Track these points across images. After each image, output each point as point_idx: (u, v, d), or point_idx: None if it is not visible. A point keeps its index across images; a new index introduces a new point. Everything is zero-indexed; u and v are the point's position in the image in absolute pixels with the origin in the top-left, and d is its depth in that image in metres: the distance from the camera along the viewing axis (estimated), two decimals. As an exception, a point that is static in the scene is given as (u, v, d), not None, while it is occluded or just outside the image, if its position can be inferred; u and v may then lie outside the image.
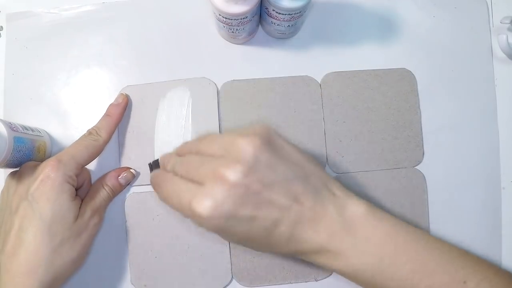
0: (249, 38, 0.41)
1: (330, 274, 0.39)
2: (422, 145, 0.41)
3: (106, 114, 0.38)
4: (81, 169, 0.35)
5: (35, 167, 0.34)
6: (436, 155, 0.41)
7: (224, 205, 0.28)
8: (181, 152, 0.33)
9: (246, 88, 0.40)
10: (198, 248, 0.39)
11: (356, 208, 0.31)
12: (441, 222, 0.40)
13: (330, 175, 0.33)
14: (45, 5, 0.41)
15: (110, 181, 0.37)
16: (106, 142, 0.37)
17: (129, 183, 0.39)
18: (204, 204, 0.28)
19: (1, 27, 0.41)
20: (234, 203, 0.28)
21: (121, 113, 0.39)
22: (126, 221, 0.39)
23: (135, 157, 0.39)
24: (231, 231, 0.29)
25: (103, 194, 0.37)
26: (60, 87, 0.40)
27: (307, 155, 0.32)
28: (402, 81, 0.41)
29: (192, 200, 0.28)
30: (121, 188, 0.38)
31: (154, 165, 0.36)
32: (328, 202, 0.30)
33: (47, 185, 0.32)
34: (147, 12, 0.41)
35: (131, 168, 0.39)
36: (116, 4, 0.41)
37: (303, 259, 0.31)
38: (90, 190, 0.37)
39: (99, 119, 0.38)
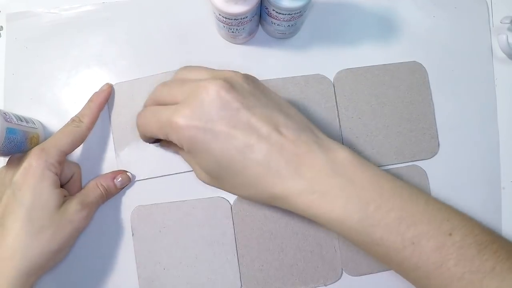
0: (249, 38, 0.41)
1: (339, 278, 0.39)
2: (437, 137, 0.41)
3: (89, 101, 0.38)
4: (65, 156, 0.35)
5: (21, 159, 0.34)
6: (436, 155, 0.41)
7: (203, 115, 0.28)
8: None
9: None
10: (206, 258, 0.39)
11: (341, 151, 0.30)
12: (441, 222, 0.40)
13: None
14: (45, 5, 0.41)
15: (105, 182, 0.37)
16: (90, 128, 0.37)
17: (124, 186, 0.39)
18: (182, 113, 0.28)
19: (1, 27, 0.41)
20: (212, 115, 0.28)
21: (104, 100, 0.39)
22: (132, 235, 0.39)
23: (130, 153, 0.39)
24: (207, 145, 0.29)
25: (96, 192, 0.37)
26: (60, 87, 0.40)
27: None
28: (414, 74, 0.41)
29: (171, 114, 0.29)
30: (116, 191, 0.38)
31: None
32: (312, 141, 0.29)
33: (29, 173, 0.32)
34: (147, 12, 0.41)
35: (127, 172, 0.39)
36: (116, 4, 0.41)
37: (281, 206, 0.30)
38: (84, 188, 0.37)
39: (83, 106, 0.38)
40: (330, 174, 0.29)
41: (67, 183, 0.37)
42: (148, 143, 0.38)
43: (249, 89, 0.30)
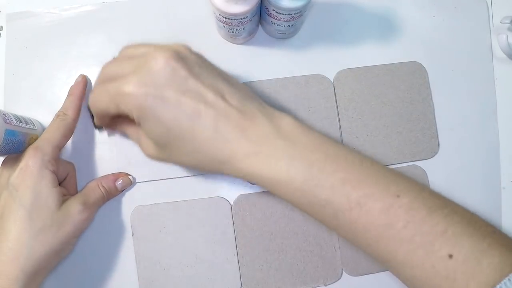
0: (249, 38, 0.41)
1: (339, 278, 0.39)
2: (437, 137, 0.41)
3: (68, 95, 0.38)
4: (59, 151, 0.35)
5: (16, 159, 0.34)
6: (436, 155, 0.41)
7: (151, 82, 0.28)
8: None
9: (259, 89, 0.40)
10: (206, 258, 0.39)
11: (285, 117, 0.31)
12: (441, 222, 0.40)
13: None
14: (45, 5, 0.41)
15: (107, 184, 0.37)
16: (75, 119, 0.37)
17: (125, 189, 0.39)
18: (132, 81, 0.29)
19: (1, 27, 0.41)
20: (161, 82, 0.29)
21: (83, 90, 0.39)
22: (132, 235, 0.39)
23: (130, 154, 0.39)
24: (156, 112, 0.29)
25: (97, 193, 0.37)
26: (60, 87, 0.40)
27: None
28: (414, 74, 0.41)
29: (121, 83, 0.29)
30: (116, 193, 0.38)
31: None
32: (256, 108, 0.31)
33: (26, 173, 0.32)
34: (147, 12, 0.41)
35: (129, 175, 0.39)
36: (116, 4, 0.41)
37: (228, 171, 0.30)
38: (85, 188, 0.37)
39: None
40: (274, 138, 0.29)
41: (62, 183, 0.37)
42: (98, 131, 0.39)
43: (195, 60, 0.31)
